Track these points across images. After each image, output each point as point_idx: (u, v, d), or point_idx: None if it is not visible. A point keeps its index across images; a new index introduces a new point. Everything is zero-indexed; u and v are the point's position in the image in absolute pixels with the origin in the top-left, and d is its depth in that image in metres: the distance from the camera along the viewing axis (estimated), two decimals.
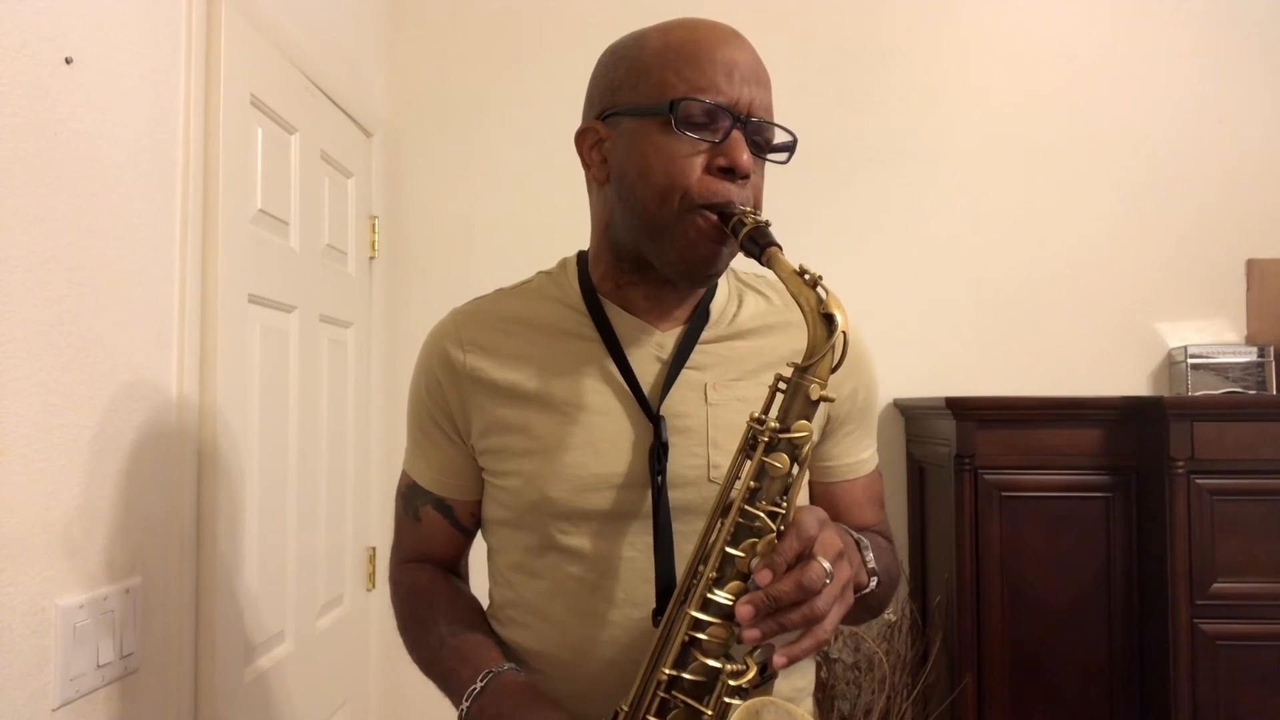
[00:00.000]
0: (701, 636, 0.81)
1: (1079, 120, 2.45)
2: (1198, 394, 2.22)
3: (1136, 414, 2.07)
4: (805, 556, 0.80)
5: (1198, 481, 1.96)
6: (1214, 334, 2.40)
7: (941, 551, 2.20)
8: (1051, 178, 2.45)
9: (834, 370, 0.82)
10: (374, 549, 2.27)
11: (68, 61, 1.13)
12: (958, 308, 2.44)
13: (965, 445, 2.07)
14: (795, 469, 0.82)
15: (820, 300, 0.82)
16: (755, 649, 0.81)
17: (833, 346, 0.81)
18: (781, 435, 0.82)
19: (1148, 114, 2.45)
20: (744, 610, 0.77)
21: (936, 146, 2.46)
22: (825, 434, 1.05)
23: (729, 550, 0.82)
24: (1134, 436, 2.07)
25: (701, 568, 0.83)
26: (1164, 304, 2.43)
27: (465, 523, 1.09)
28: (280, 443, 1.75)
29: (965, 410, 2.08)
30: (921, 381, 2.36)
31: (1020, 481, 2.08)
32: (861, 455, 1.09)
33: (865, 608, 0.98)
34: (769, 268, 0.85)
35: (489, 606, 1.08)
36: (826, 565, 0.79)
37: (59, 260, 1.11)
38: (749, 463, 0.83)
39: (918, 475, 2.38)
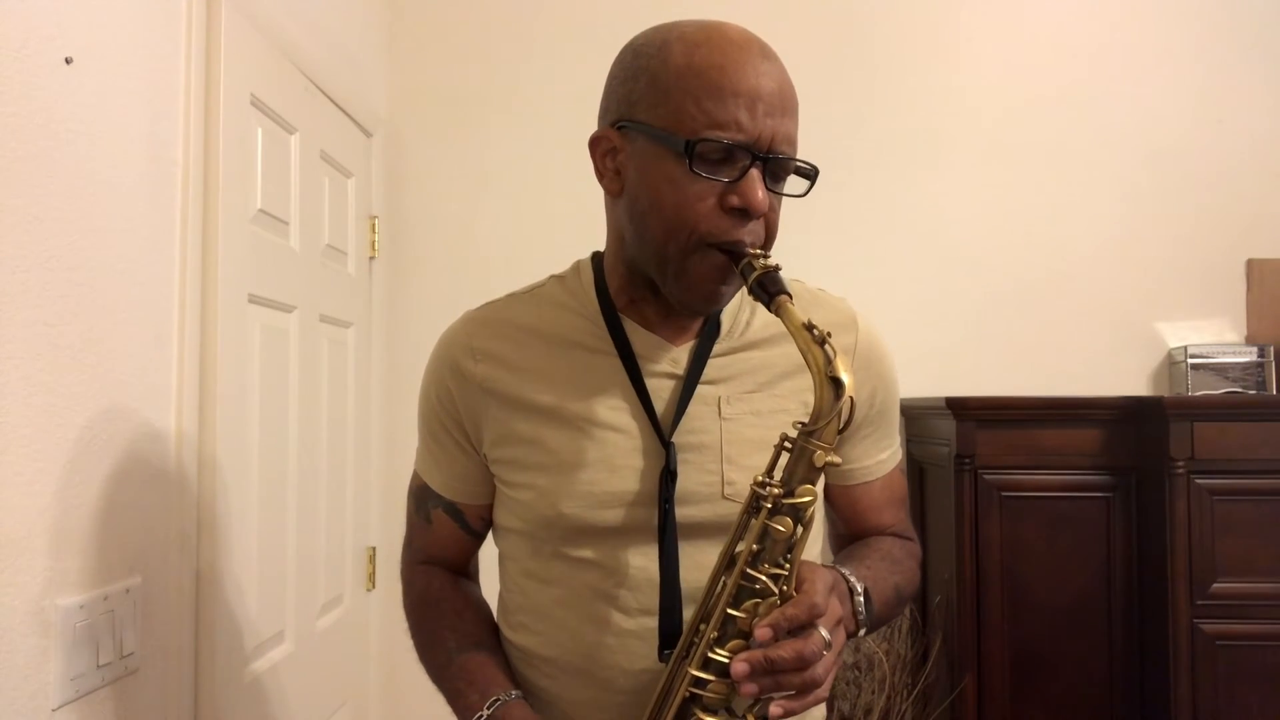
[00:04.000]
0: (702, 693, 0.82)
1: (1079, 120, 2.45)
2: (1198, 394, 2.22)
3: (1136, 414, 2.07)
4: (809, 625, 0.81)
5: (1198, 481, 1.96)
6: (1214, 334, 2.40)
7: (941, 551, 2.20)
8: (1051, 177, 2.45)
9: (840, 433, 0.82)
10: (374, 549, 2.27)
11: (68, 61, 1.13)
12: (958, 308, 2.44)
13: (965, 445, 2.07)
14: (799, 531, 0.82)
15: (829, 361, 0.80)
16: (755, 703, 0.82)
17: (839, 412, 0.80)
18: (785, 500, 0.82)
19: (1148, 114, 2.44)
20: (739, 668, 0.78)
21: (936, 146, 2.46)
22: (842, 439, 1.04)
23: (731, 611, 0.82)
24: (1134, 436, 2.07)
25: (703, 627, 0.84)
26: (1164, 304, 2.43)
27: (475, 526, 1.09)
28: (280, 443, 1.74)
29: (965, 410, 2.07)
30: (921, 381, 2.35)
31: (1020, 481, 2.08)
32: (880, 456, 1.08)
33: (868, 632, 0.98)
34: (777, 316, 0.84)
35: (499, 610, 1.08)
36: (826, 635, 0.80)
37: (59, 260, 1.11)
38: (753, 523, 0.83)
39: (918, 475, 2.38)
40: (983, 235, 2.45)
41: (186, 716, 1.38)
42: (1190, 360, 2.26)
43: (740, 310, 1.02)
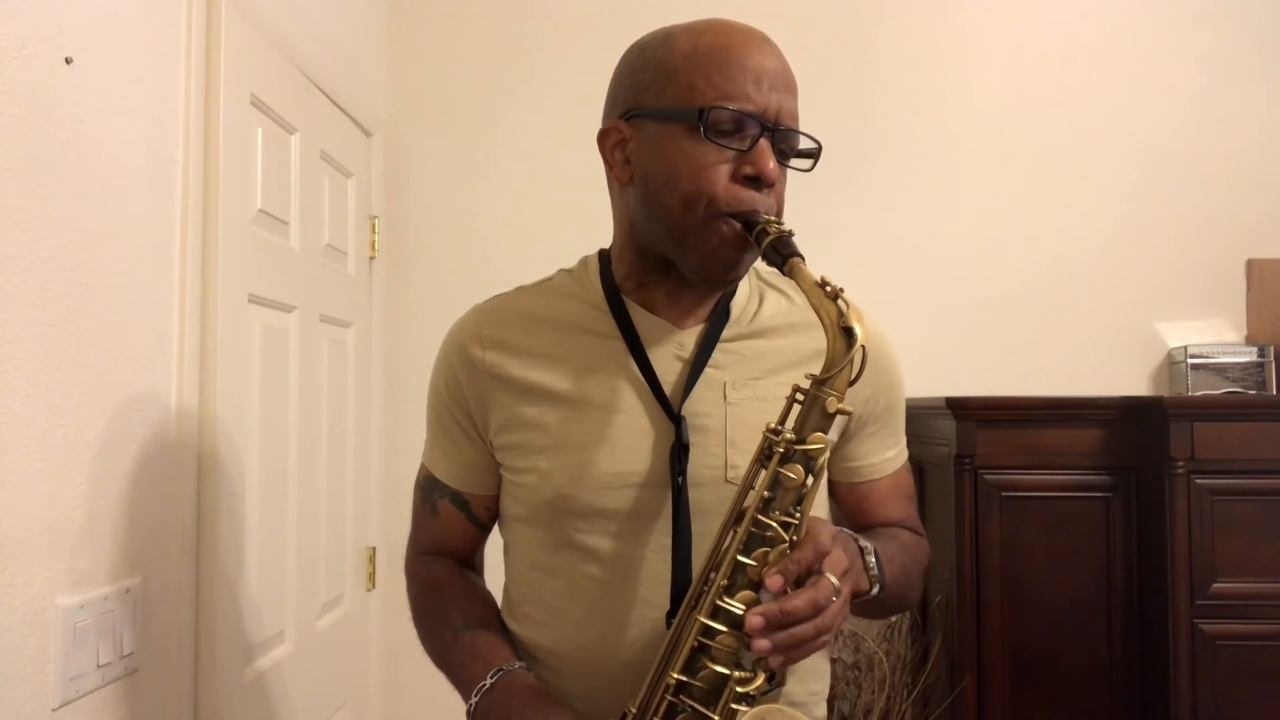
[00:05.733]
0: (711, 643, 0.82)
1: (1079, 120, 2.45)
2: (1198, 394, 2.22)
3: (1136, 414, 2.07)
4: (816, 571, 0.81)
5: (1198, 481, 1.96)
6: (1214, 334, 2.40)
7: (941, 551, 2.20)
8: (1051, 178, 2.45)
9: (852, 383, 0.83)
10: (374, 549, 2.27)
11: (68, 61, 1.13)
12: (958, 308, 2.44)
13: (965, 445, 2.07)
14: (810, 480, 0.83)
15: (841, 314, 0.82)
16: (762, 657, 0.82)
17: (851, 360, 0.82)
18: (797, 447, 0.82)
19: (1148, 114, 2.44)
20: (754, 621, 0.78)
21: (936, 146, 2.46)
22: (848, 435, 1.05)
23: (741, 559, 0.83)
24: (1134, 436, 2.07)
25: (713, 575, 0.84)
26: (1164, 304, 2.43)
27: (481, 517, 1.09)
28: (280, 443, 1.74)
29: (965, 410, 2.08)
30: (921, 381, 2.35)
31: (1020, 481, 2.08)
32: (886, 454, 1.08)
33: (881, 607, 0.98)
34: (791, 278, 0.85)
35: (504, 602, 1.09)
36: (835, 582, 0.80)
37: (59, 260, 1.11)
38: (764, 472, 0.84)
39: (918, 475, 2.38)
40: (983, 235, 2.45)
41: (186, 716, 1.38)
42: (1190, 360, 2.26)
43: (750, 299, 1.03)
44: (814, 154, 0.95)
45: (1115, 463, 2.08)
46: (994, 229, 2.45)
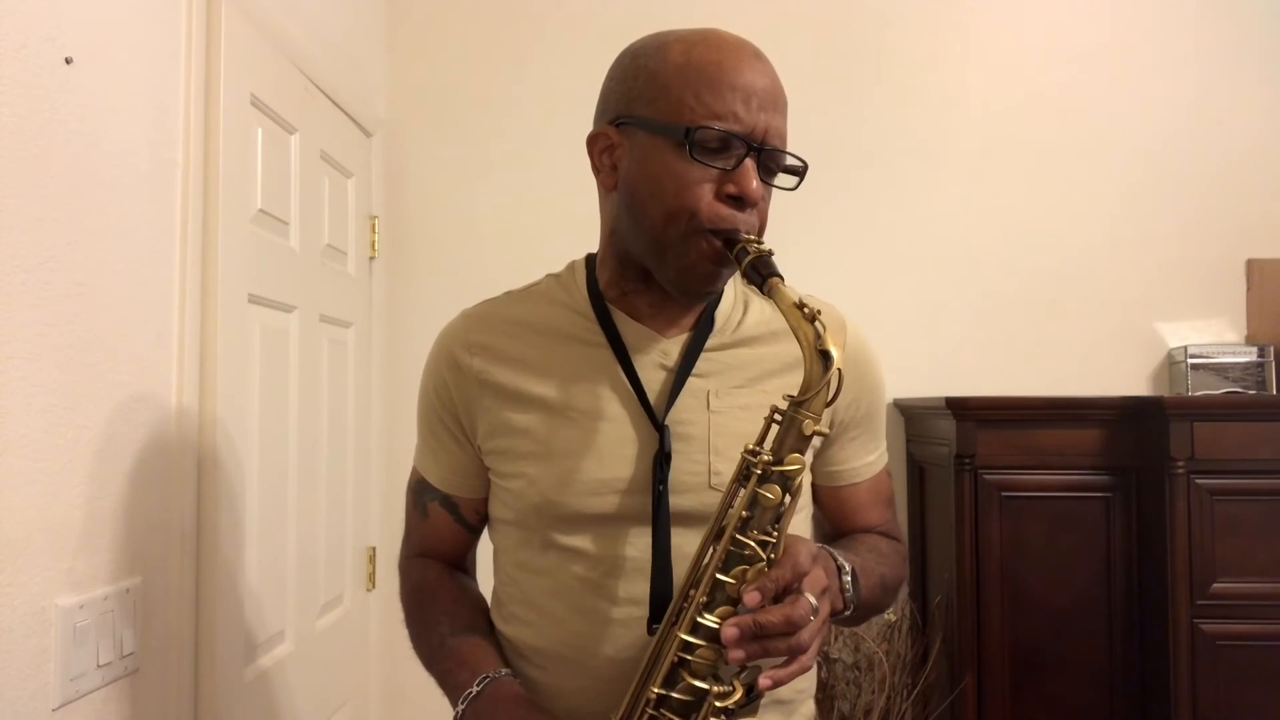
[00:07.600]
0: (690, 658, 0.83)
1: (1079, 120, 2.45)
2: (1198, 394, 2.22)
3: (1136, 414, 2.07)
4: (794, 589, 0.82)
5: (1198, 481, 1.96)
6: (1214, 334, 2.41)
7: (941, 551, 2.20)
8: (1051, 178, 2.45)
9: (828, 405, 0.84)
10: (374, 549, 2.27)
11: (68, 61, 1.13)
12: (958, 308, 2.44)
13: (965, 445, 2.07)
14: (787, 499, 0.84)
15: (818, 336, 0.83)
16: (742, 670, 0.83)
17: (827, 383, 0.82)
18: (774, 467, 0.83)
19: (1148, 114, 2.45)
20: (729, 632, 0.79)
21: (936, 146, 2.46)
22: (829, 440, 1.06)
23: (720, 576, 0.84)
24: (1134, 436, 2.07)
25: (693, 592, 0.86)
26: (1164, 304, 2.43)
27: (471, 520, 1.10)
28: (280, 443, 1.74)
29: (965, 410, 2.08)
30: (921, 381, 2.36)
31: (1020, 481, 2.08)
32: (867, 458, 1.09)
33: (854, 619, 0.99)
34: (770, 298, 0.86)
35: (493, 603, 1.10)
36: (813, 601, 0.81)
37: (59, 260, 1.11)
38: (742, 491, 0.85)
39: (918, 475, 2.38)
40: (983, 235, 2.45)
41: (186, 716, 1.38)
42: (1190, 360, 2.26)
43: (734, 309, 1.04)
44: (800, 172, 0.95)
45: (1115, 463, 2.08)
46: (994, 229, 2.45)
